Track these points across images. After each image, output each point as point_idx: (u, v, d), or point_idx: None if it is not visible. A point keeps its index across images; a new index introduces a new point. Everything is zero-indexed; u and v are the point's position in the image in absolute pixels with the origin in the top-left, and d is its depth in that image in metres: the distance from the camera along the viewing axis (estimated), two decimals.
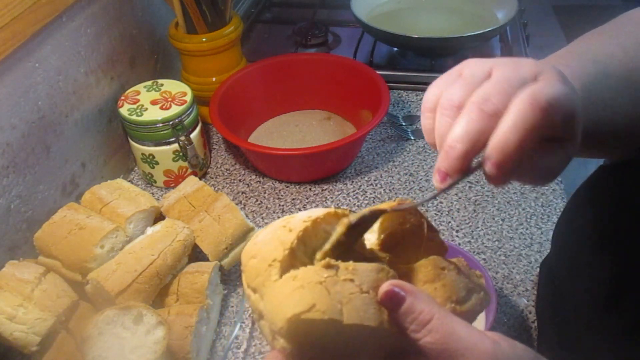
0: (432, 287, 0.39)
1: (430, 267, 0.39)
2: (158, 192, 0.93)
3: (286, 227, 0.38)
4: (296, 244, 0.36)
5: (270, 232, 0.39)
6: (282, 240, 0.37)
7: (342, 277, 0.35)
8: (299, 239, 0.37)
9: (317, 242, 0.38)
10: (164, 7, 1.04)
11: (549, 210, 0.84)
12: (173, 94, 0.90)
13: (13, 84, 0.72)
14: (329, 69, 1.02)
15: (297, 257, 0.37)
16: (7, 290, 0.63)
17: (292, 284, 0.34)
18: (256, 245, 0.38)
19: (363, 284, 0.35)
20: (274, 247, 0.37)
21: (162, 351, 0.59)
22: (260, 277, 0.37)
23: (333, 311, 0.33)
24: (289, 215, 0.40)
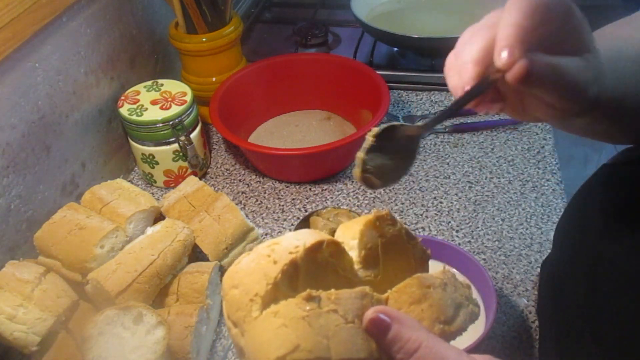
0: (419, 309, 0.37)
1: (415, 286, 0.38)
2: (158, 192, 0.93)
3: (270, 258, 0.35)
4: (280, 278, 0.34)
5: (254, 261, 0.36)
6: (265, 272, 0.35)
7: (326, 309, 0.33)
8: (284, 273, 0.35)
9: (303, 273, 0.36)
10: (164, 7, 1.04)
11: (549, 210, 0.84)
12: (173, 94, 0.90)
13: (13, 84, 0.72)
14: (329, 69, 1.02)
15: (280, 290, 0.35)
16: (7, 290, 0.63)
17: (274, 321, 0.33)
18: (238, 273, 0.36)
19: (348, 313, 0.33)
20: (256, 279, 0.35)
21: (162, 351, 0.59)
22: (240, 311, 0.35)
23: (320, 349, 0.32)
24: (274, 240, 0.38)
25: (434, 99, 1.07)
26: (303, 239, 0.36)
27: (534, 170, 0.91)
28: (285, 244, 0.36)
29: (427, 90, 1.09)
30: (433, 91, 1.08)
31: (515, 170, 0.92)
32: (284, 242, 0.36)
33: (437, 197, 0.88)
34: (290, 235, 0.37)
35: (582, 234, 0.58)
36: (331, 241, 0.37)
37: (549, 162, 0.92)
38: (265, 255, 0.36)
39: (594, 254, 0.54)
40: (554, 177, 0.90)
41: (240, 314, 0.35)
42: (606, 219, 0.54)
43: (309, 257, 0.35)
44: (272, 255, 0.35)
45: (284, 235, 0.38)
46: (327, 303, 0.33)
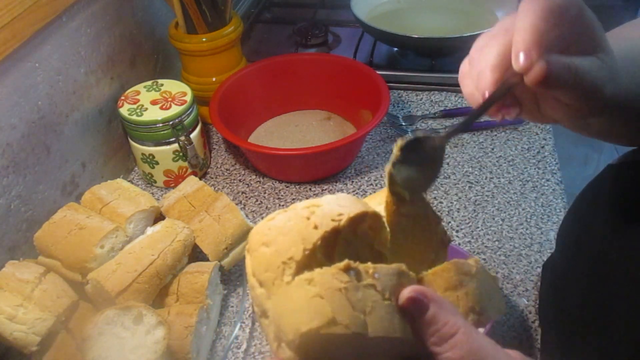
0: (454, 295, 0.35)
1: (453, 272, 0.36)
2: (158, 192, 0.93)
3: (310, 221, 0.33)
4: (319, 244, 0.32)
5: (291, 220, 0.34)
6: (303, 236, 0.32)
7: (364, 282, 0.31)
8: (323, 240, 0.33)
9: (341, 243, 0.34)
10: (164, 7, 1.04)
11: (549, 210, 0.84)
12: (173, 94, 0.90)
13: (13, 84, 0.72)
14: (329, 69, 1.02)
15: (316, 257, 0.33)
16: (7, 290, 0.63)
17: (308, 290, 0.31)
18: (271, 230, 0.34)
19: (385, 289, 0.31)
20: (292, 241, 0.33)
21: (162, 351, 0.59)
22: (270, 272, 0.33)
23: (357, 324, 0.30)
24: (313, 201, 0.35)
25: (434, 99, 1.07)
26: (347, 206, 0.34)
27: (534, 170, 0.91)
28: (327, 208, 0.34)
29: (427, 90, 1.09)
30: (433, 91, 1.08)
31: (515, 170, 0.92)
32: (326, 206, 0.34)
33: (437, 197, 0.88)
34: (332, 200, 0.35)
35: (587, 234, 0.57)
36: (374, 213, 0.35)
37: (549, 162, 0.92)
38: (304, 217, 0.33)
39: (598, 255, 0.54)
40: (554, 177, 0.90)
41: (270, 275, 0.33)
42: (612, 220, 0.53)
43: (350, 227, 0.34)
44: (312, 218, 0.33)
45: (324, 197, 0.36)
46: (365, 276, 0.31)
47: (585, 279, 0.56)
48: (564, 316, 0.60)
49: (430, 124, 1.02)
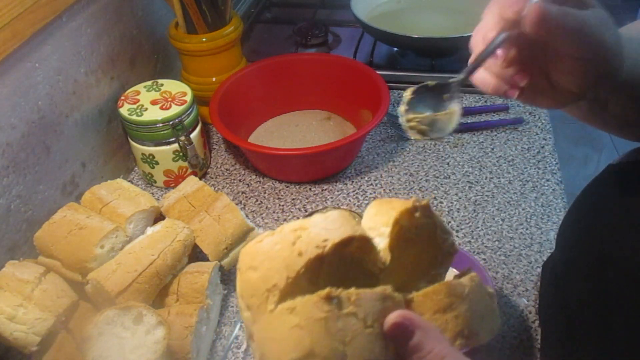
0: (443, 319, 0.35)
1: (443, 294, 0.35)
2: (158, 192, 0.93)
3: (295, 247, 0.33)
4: (303, 272, 0.32)
5: (277, 244, 0.34)
6: (287, 263, 0.32)
7: (345, 311, 0.31)
8: (307, 268, 0.32)
9: (327, 267, 0.34)
10: (164, 7, 1.04)
11: (549, 210, 0.84)
12: (173, 94, 0.90)
13: (13, 84, 0.72)
14: (329, 69, 1.02)
15: (300, 284, 0.33)
16: (7, 290, 0.63)
17: (289, 319, 0.31)
18: (258, 254, 0.34)
19: (367, 316, 0.31)
20: (277, 268, 0.33)
21: (162, 351, 0.59)
22: (256, 298, 0.33)
23: (335, 355, 0.30)
24: (301, 223, 0.35)
25: None
26: (333, 229, 0.34)
27: (534, 170, 0.91)
28: (313, 232, 0.34)
29: None
30: None
31: (515, 170, 0.92)
32: (312, 229, 0.34)
33: (437, 197, 0.88)
34: (319, 222, 0.34)
35: (588, 234, 0.57)
36: (361, 237, 0.35)
37: (549, 162, 0.92)
38: (290, 243, 0.33)
39: (599, 255, 0.54)
40: (554, 177, 0.90)
41: (255, 301, 0.33)
42: (613, 219, 0.53)
43: (335, 252, 0.33)
44: (298, 244, 0.33)
45: (313, 219, 0.35)
46: (347, 304, 0.31)
47: (586, 279, 0.56)
48: (564, 316, 0.60)
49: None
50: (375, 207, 0.39)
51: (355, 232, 0.34)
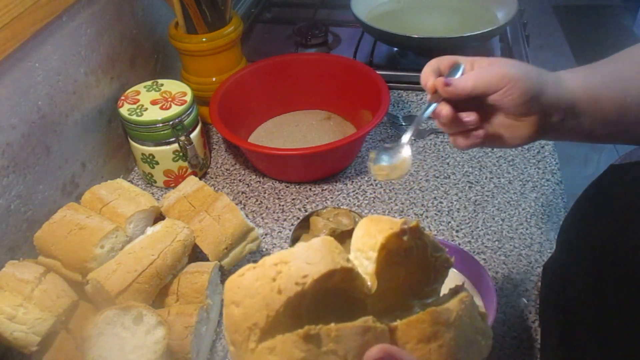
0: (427, 348, 0.34)
1: (427, 323, 0.35)
2: (158, 192, 0.93)
3: (276, 283, 0.32)
4: (283, 311, 0.32)
5: (258, 280, 0.33)
6: (267, 301, 0.32)
7: (324, 348, 0.31)
8: (287, 306, 0.32)
9: (309, 300, 0.33)
10: (164, 7, 1.04)
11: (549, 210, 0.84)
12: (173, 94, 0.90)
13: (13, 84, 0.72)
14: (329, 69, 1.02)
15: (281, 320, 0.32)
16: (7, 290, 0.63)
17: (270, 359, 0.31)
18: (240, 290, 0.34)
19: (348, 353, 0.31)
20: (257, 306, 0.32)
21: (162, 351, 0.59)
22: (238, 335, 0.33)
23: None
24: (283, 256, 0.34)
25: None
26: (314, 263, 0.33)
27: (534, 170, 0.91)
28: (293, 267, 0.33)
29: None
30: None
31: (515, 170, 0.92)
32: (293, 264, 0.33)
33: (437, 197, 0.88)
34: (301, 255, 0.34)
35: (588, 234, 0.57)
36: (342, 269, 0.34)
37: (549, 162, 0.92)
38: (270, 279, 0.33)
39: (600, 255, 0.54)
40: (554, 177, 0.90)
41: (238, 337, 0.33)
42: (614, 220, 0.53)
43: (317, 286, 0.33)
44: (278, 280, 0.33)
45: (295, 249, 0.35)
46: (326, 342, 0.31)
47: (586, 278, 0.56)
48: (564, 317, 0.60)
49: (430, 124, 1.02)
50: (364, 228, 0.39)
51: (336, 265, 0.33)
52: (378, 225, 0.37)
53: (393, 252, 0.37)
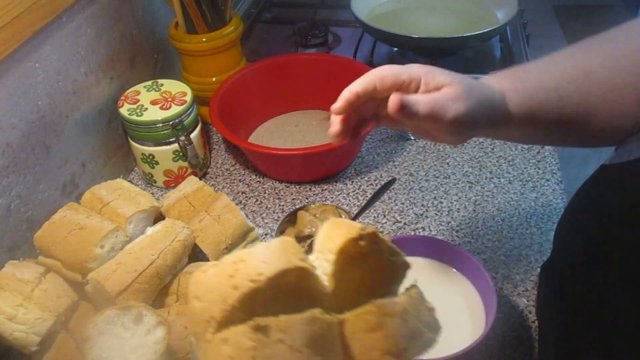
0: (373, 338, 0.36)
1: (374, 314, 0.37)
2: (158, 192, 0.93)
3: (233, 280, 0.34)
4: (237, 306, 0.34)
5: (217, 277, 0.35)
6: (224, 296, 0.34)
7: (273, 338, 0.33)
8: (241, 301, 0.34)
9: (264, 296, 0.35)
10: (164, 7, 1.04)
11: (549, 210, 0.84)
12: (173, 94, 0.90)
13: (13, 84, 0.72)
14: (329, 69, 1.02)
15: (236, 314, 0.34)
16: (7, 290, 0.63)
17: (222, 350, 0.33)
18: (201, 285, 0.36)
19: (295, 341, 0.33)
20: (215, 299, 0.34)
21: (162, 351, 0.59)
22: (198, 327, 0.35)
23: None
24: (242, 255, 0.36)
25: None
26: (270, 262, 0.35)
27: (534, 170, 0.91)
28: (250, 265, 0.35)
29: None
30: None
31: (515, 170, 0.92)
32: (250, 262, 0.35)
33: (437, 197, 0.88)
34: (259, 254, 0.36)
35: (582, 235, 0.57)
36: (297, 268, 0.36)
37: (549, 162, 0.92)
38: (228, 276, 0.35)
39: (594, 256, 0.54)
40: (554, 177, 0.90)
41: (198, 329, 0.35)
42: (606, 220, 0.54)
43: (271, 284, 0.35)
44: (235, 277, 0.35)
45: (254, 249, 0.37)
46: (275, 332, 0.33)
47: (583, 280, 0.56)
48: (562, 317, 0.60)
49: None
50: (326, 230, 0.40)
51: (290, 264, 0.35)
52: (338, 229, 0.39)
53: (350, 256, 0.39)
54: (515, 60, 1.10)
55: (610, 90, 0.55)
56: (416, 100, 0.50)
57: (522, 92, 0.56)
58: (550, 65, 0.58)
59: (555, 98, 0.55)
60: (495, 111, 0.55)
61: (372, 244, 0.39)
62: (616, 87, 0.54)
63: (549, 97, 0.56)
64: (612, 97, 0.55)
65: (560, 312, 0.61)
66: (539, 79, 0.57)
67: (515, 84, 0.57)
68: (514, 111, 0.55)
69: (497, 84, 0.57)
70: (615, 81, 0.54)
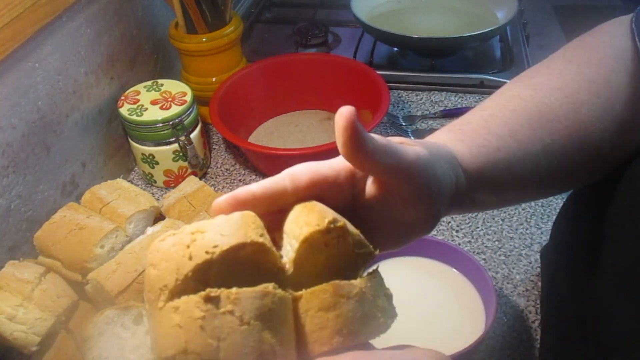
0: (325, 317, 0.36)
1: (329, 294, 0.36)
2: (158, 192, 0.93)
3: (189, 250, 0.34)
4: (190, 276, 0.34)
5: (175, 246, 0.35)
6: (178, 266, 0.34)
7: (222, 309, 0.33)
8: (195, 272, 0.34)
9: (218, 268, 0.35)
10: (164, 7, 1.04)
11: (549, 211, 0.84)
12: (173, 94, 0.90)
13: (13, 84, 0.72)
14: (329, 69, 1.02)
15: (189, 283, 0.34)
16: (7, 290, 0.63)
17: (172, 318, 0.33)
18: (159, 253, 0.36)
19: (245, 314, 0.33)
20: (170, 269, 0.34)
21: None
22: (151, 294, 0.35)
23: (209, 351, 0.32)
24: (201, 226, 0.36)
25: (433, 99, 1.07)
26: (227, 235, 0.35)
27: None
28: (207, 237, 0.35)
29: (427, 90, 1.09)
30: (433, 91, 1.08)
31: None
32: (208, 234, 0.35)
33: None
34: (217, 226, 0.36)
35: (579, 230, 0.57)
36: (253, 243, 0.36)
37: None
38: (185, 245, 0.35)
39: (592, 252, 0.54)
40: None
41: (151, 296, 0.35)
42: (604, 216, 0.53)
43: (227, 256, 0.35)
44: (191, 247, 0.35)
45: (214, 220, 0.37)
46: (225, 303, 0.33)
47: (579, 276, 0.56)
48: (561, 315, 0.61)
49: (430, 124, 1.02)
50: (295, 214, 0.40)
51: (247, 238, 0.35)
52: (307, 216, 0.38)
53: (314, 245, 0.38)
54: (515, 60, 1.10)
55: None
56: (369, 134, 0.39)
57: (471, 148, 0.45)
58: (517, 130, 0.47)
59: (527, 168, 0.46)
60: (455, 168, 0.43)
61: (339, 237, 0.39)
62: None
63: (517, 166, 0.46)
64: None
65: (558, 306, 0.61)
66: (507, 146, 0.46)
67: (461, 137, 0.46)
68: (480, 185, 0.45)
69: (447, 140, 0.46)
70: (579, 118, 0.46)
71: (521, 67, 1.08)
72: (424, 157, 0.40)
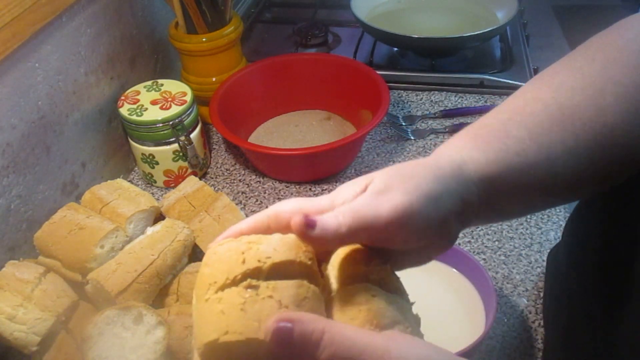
0: (357, 309, 0.38)
1: (363, 291, 0.39)
2: (158, 192, 0.93)
3: (243, 256, 0.37)
4: (239, 278, 0.36)
5: (231, 251, 0.38)
6: (231, 267, 0.37)
7: (262, 295, 0.35)
8: (244, 276, 0.36)
9: (266, 276, 0.37)
10: (164, 7, 1.04)
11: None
12: (173, 94, 0.90)
13: (13, 84, 0.72)
14: (329, 69, 1.02)
15: (237, 283, 0.36)
16: (7, 290, 0.63)
17: (216, 307, 0.35)
18: (215, 255, 0.38)
19: (283, 298, 0.35)
20: (223, 270, 0.37)
21: (162, 351, 0.59)
22: (200, 290, 0.37)
23: (250, 330, 0.34)
24: (259, 237, 0.38)
25: (433, 99, 1.07)
26: (280, 251, 0.37)
27: None
28: (262, 249, 0.37)
29: (427, 90, 1.09)
30: (433, 91, 1.08)
31: None
32: (263, 246, 0.38)
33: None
34: (273, 241, 0.38)
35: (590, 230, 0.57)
36: (303, 264, 0.38)
37: None
38: (240, 252, 0.37)
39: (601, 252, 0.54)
40: None
41: (199, 292, 0.37)
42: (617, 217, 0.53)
43: (275, 269, 0.37)
44: (246, 254, 0.37)
45: (270, 237, 0.39)
46: (264, 290, 0.35)
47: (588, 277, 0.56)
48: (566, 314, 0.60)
49: (430, 124, 1.02)
50: (340, 256, 0.42)
51: (297, 258, 0.38)
52: (354, 264, 0.41)
53: (352, 278, 0.41)
54: (515, 60, 1.10)
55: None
56: (328, 215, 0.38)
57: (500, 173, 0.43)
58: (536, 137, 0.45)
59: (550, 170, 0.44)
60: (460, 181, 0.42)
61: (380, 279, 0.41)
62: None
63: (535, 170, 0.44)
64: None
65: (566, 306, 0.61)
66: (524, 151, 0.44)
67: (489, 165, 0.43)
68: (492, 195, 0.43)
69: (456, 153, 0.44)
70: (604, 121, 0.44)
71: (521, 67, 1.08)
72: (403, 204, 0.38)
